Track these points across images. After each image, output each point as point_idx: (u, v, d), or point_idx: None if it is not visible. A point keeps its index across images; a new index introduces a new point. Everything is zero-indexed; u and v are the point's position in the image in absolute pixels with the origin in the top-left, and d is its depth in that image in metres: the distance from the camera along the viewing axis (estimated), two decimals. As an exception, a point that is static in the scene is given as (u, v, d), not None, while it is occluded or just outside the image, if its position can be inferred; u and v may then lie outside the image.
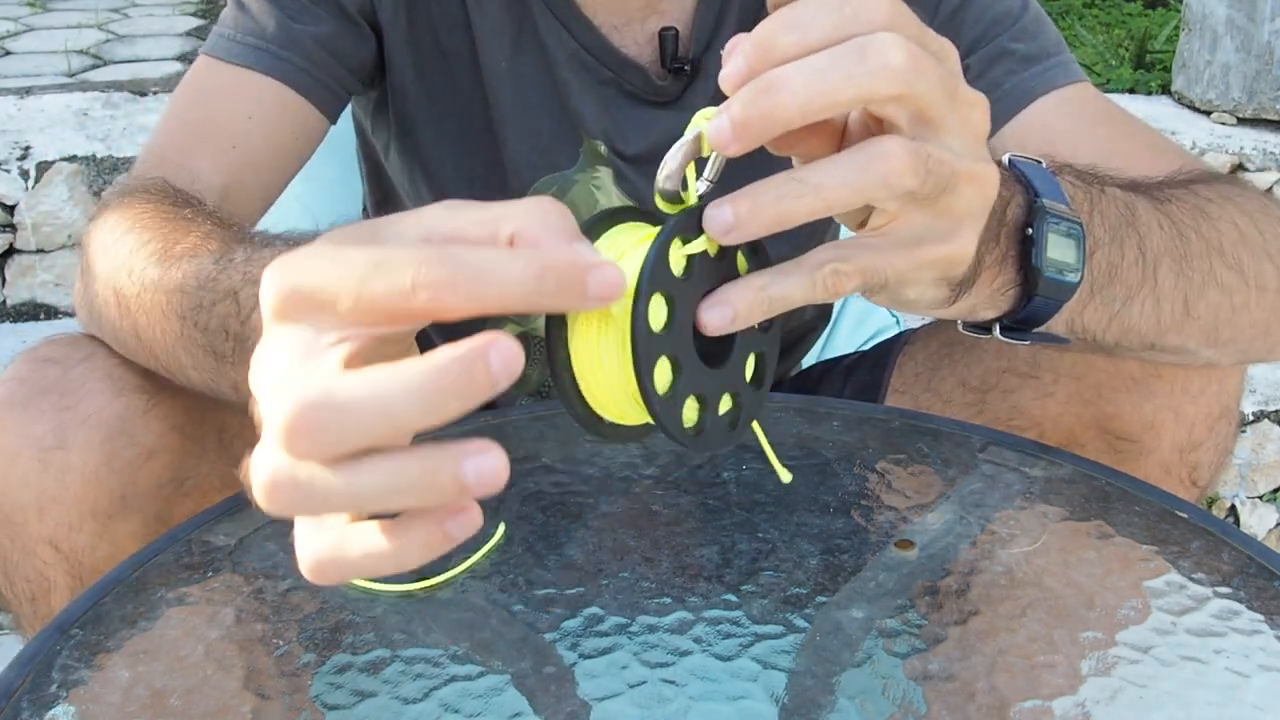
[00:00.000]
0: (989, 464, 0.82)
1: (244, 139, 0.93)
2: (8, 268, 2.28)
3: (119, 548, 0.79)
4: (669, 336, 0.50)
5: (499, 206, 0.45)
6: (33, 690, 0.61)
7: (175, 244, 0.74)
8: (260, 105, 0.93)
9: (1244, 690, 0.63)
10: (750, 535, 0.75)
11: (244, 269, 0.67)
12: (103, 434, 0.78)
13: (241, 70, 0.94)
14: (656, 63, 0.97)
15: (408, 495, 0.41)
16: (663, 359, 0.50)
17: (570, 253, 0.43)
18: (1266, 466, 2.10)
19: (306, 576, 0.43)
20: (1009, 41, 0.94)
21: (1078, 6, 3.89)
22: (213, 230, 0.75)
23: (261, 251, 0.67)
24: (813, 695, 0.62)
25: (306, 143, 0.97)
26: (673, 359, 0.51)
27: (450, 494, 0.40)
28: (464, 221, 0.44)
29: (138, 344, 0.78)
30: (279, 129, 0.94)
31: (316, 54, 0.94)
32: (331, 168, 1.24)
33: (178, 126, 0.94)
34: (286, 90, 0.94)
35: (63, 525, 0.78)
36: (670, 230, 0.50)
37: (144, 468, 0.79)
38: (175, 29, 3.36)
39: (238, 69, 0.94)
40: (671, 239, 0.50)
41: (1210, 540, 0.74)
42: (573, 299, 0.42)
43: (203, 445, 0.83)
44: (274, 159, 0.95)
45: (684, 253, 0.50)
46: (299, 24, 0.94)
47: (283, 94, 0.94)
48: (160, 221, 0.77)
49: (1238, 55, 2.72)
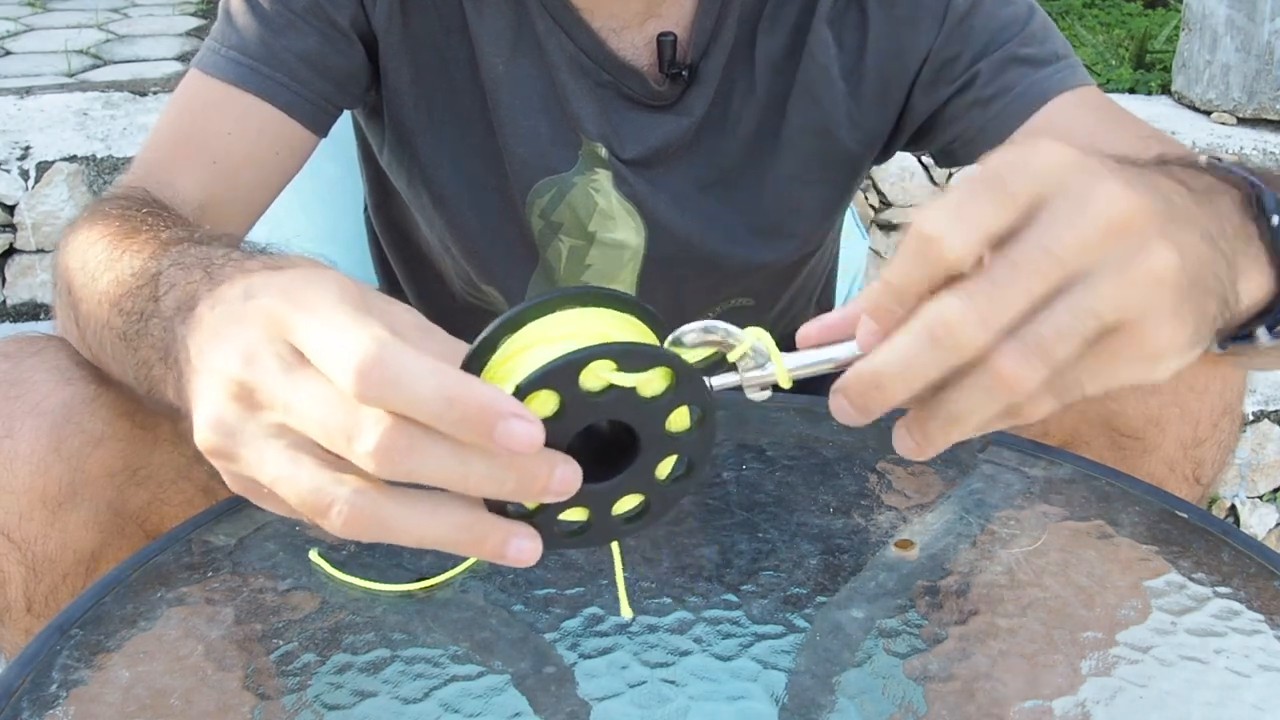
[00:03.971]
0: (989, 464, 0.82)
1: (224, 156, 0.93)
2: (8, 268, 2.28)
3: (70, 536, 0.79)
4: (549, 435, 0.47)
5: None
6: (33, 690, 0.61)
7: (126, 239, 0.74)
8: (242, 122, 0.93)
9: (1244, 690, 0.63)
10: (750, 535, 0.75)
11: (175, 256, 0.66)
12: (49, 421, 0.78)
13: (225, 86, 0.94)
14: (655, 67, 0.97)
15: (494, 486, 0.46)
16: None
17: (485, 394, 0.45)
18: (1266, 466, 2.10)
19: (339, 526, 0.47)
20: (1018, 47, 0.95)
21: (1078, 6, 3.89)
22: (166, 228, 0.75)
23: (198, 247, 0.66)
24: (813, 695, 0.62)
25: (290, 158, 0.97)
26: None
27: (535, 489, 0.46)
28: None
29: (80, 335, 0.78)
30: (260, 146, 0.94)
31: (300, 70, 0.94)
32: (332, 167, 1.24)
33: (164, 140, 0.95)
34: (268, 107, 0.94)
35: (13, 514, 0.78)
36: (606, 349, 0.47)
37: (93, 455, 0.79)
38: (175, 29, 3.36)
39: (222, 84, 0.94)
40: (598, 358, 0.47)
41: (1210, 540, 0.74)
42: (477, 438, 0.45)
43: (155, 434, 0.83)
44: (255, 175, 0.95)
45: (612, 378, 0.47)
46: (283, 39, 0.94)
47: (265, 111, 0.94)
48: (121, 222, 0.77)
49: (1238, 55, 2.72)
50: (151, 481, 0.83)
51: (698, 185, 1.02)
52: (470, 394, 0.44)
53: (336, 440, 0.46)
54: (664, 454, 0.50)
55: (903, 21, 0.96)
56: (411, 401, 0.44)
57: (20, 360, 0.81)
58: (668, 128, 0.99)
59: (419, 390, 0.44)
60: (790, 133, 1.00)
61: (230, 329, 0.51)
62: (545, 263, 1.05)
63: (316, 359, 0.47)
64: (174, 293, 0.62)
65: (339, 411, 0.46)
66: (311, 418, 0.47)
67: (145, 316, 0.65)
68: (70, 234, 0.81)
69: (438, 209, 1.04)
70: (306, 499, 0.47)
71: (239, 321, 0.51)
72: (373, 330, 0.46)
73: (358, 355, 0.45)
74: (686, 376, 0.49)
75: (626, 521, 0.52)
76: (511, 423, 0.44)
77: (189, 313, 0.58)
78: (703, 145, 1.01)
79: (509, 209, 1.03)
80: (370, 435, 0.45)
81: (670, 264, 1.04)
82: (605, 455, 0.50)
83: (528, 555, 0.48)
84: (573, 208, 1.01)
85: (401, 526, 0.47)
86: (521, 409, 0.45)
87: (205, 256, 0.63)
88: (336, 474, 0.47)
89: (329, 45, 0.95)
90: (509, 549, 0.48)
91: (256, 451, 0.49)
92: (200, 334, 0.54)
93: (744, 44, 0.98)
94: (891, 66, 0.98)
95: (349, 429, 0.45)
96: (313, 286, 0.50)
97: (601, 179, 1.00)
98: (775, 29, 0.98)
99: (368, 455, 0.45)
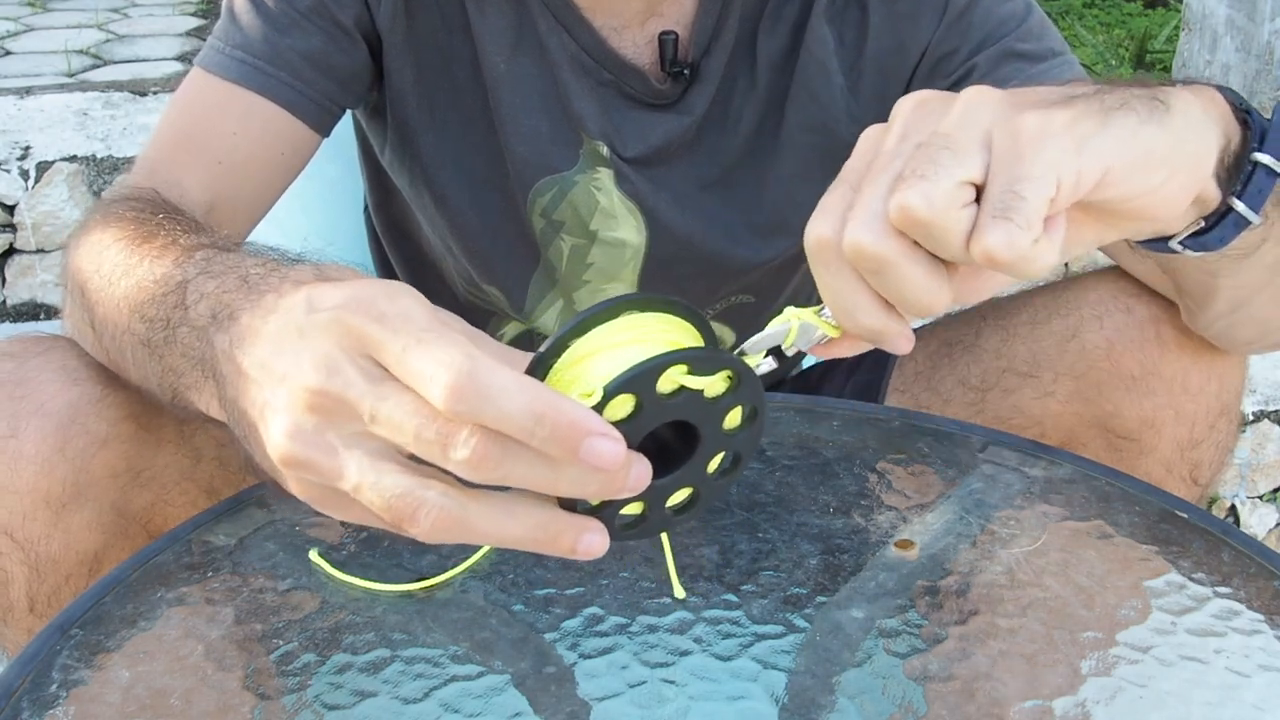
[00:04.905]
0: (989, 464, 0.82)
1: (228, 155, 0.93)
2: (8, 268, 2.28)
3: (74, 537, 0.79)
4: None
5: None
6: (33, 690, 0.61)
7: (144, 243, 0.74)
8: (245, 121, 0.93)
9: (1244, 690, 0.63)
10: (750, 535, 0.75)
11: (202, 265, 0.66)
12: (55, 422, 0.78)
13: (228, 85, 0.94)
14: (656, 66, 0.97)
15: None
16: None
17: (572, 412, 0.47)
18: (1266, 466, 2.10)
19: (428, 528, 0.49)
20: (1015, 42, 0.95)
21: (1078, 6, 3.89)
22: (184, 233, 0.75)
23: (224, 255, 0.66)
24: (813, 695, 0.62)
25: (294, 157, 0.97)
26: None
27: (614, 489, 0.49)
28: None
29: (95, 338, 0.78)
30: (264, 145, 0.94)
31: (304, 69, 0.94)
32: (332, 167, 1.24)
33: (167, 140, 0.95)
34: (272, 106, 0.94)
35: (16, 514, 0.78)
36: (681, 355, 0.50)
37: (97, 456, 0.79)
38: (175, 29, 3.36)
39: (225, 84, 0.94)
40: (675, 364, 0.50)
41: (1210, 540, 0.74)
42: (564, 454, 0.47)
43: (160, 436, 0.83)
44: (260, 174, 0.95)
45: (684, 381, 0.51)
46: (287, 38, 0.94)
47: (268, 110, 0.94)
48: (137, 225, 0.77)
49: (1238, 55, 2.72)
50: (155, 483, 0.83)
51: (699, 184, 1.02)
52: (559, 412, 0.47)
53: (431, 449, 0.48)
54: (717, 450, 0.54)
55: (903, 17, 0.96)
56: (503, 418, 0.47)
57: (26, 360, 0.81)
58: (669, 126, 0.99)
59: (509, 407, 0.47)
60: (790, 130, 1.00)
61: (298, 341, 0.52)
62: (547, 262, 1.05)
63: (406, 373, 0.49)
64: (205, 302, 0.62)
65: (434, 422, 0.48)
66: (404, 428, 0.48)
67: (173, 325, 0.65)
68: (81, 236, 0.81)
69: (439, 208, 1.04)
70: (392, 503, 0.49)
71: (309, 334, 0.52)
72: (462, 347, 0.48)
73: (452, 372, 0.47)
74: (747, 379, 0.52)
75: (676, 513, 0.55)
76: (598, 441, 0.47)
77: (230, 323, 0.58)
78: (704, 144, 1.01)
79: (510, 208, 1.03)
80: (466, 444, 0.47)
81: (671, 262, 1.04)
82: (661, 451, 0.53)
83: (597, 548, 0.51)
84: (574, 206, 1.01)
85: (484, 527, 0.50)
86: (606, 427, 0.47)
87: (237, 265, 0.63)
88: (422, 479, 0.49)
89: (333, 44, 0.95)
90: (580, 544, 0.50)
91: (338, 460, 0.50)
92: (258, 346, 0.55)
93: (745, 42, 0.98)
94: (891, 62, 0.98)
95: (445, 438, 0.47)
96: (390, 300, 0.51)
97: (603, 177, 1.00)
98: (776, 27, 0.98)
99: (463, 463, 0.47)
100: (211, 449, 0.86)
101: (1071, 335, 0.96)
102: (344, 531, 0.75)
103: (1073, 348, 0.96)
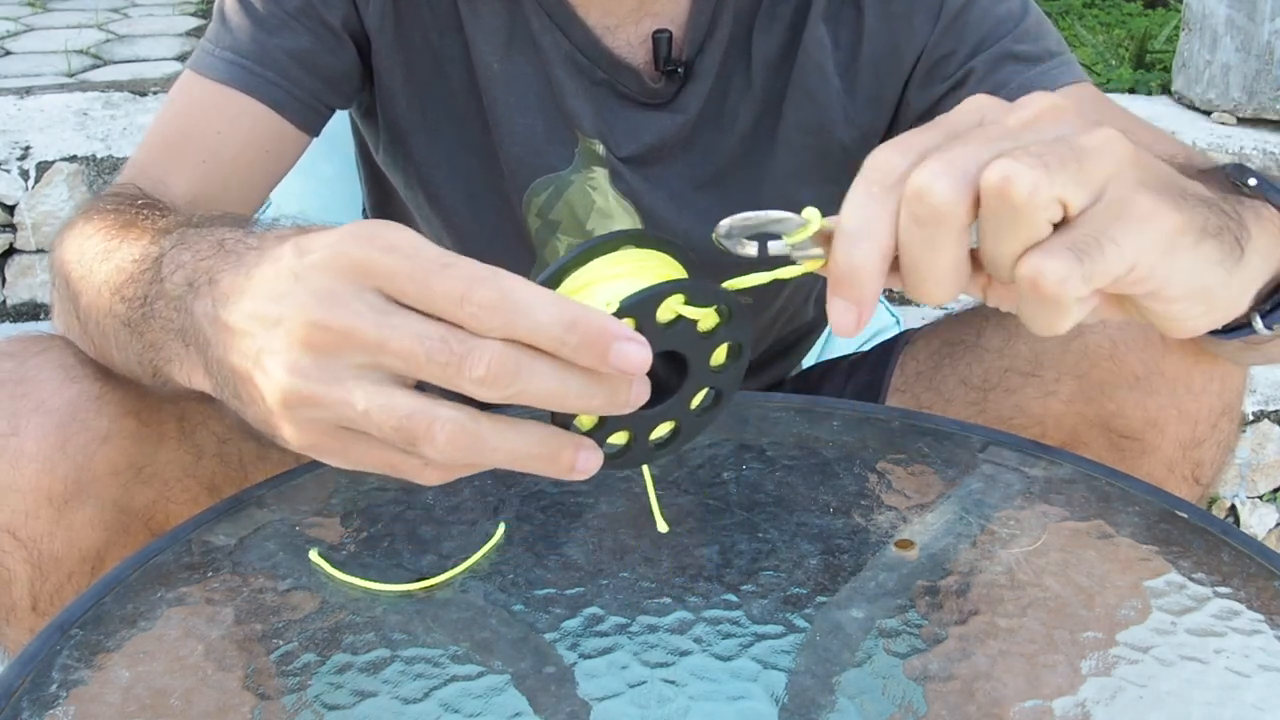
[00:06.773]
0: (989, 464, 0.82)
1: (214, 154, 0.93)
2: (8, 268, 2.28)
3: (76, 535, 0.79)
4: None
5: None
6: (33, 690, 0.61)
7: (124, 230, 0.74)
8: (232, 121, 0.94)
9: (1244, 690, 0.63)
10: (750, 535, 0.75)
11: (177, 239, 0.66)
12: (56, 419, 0.78)
13: (217, 85, 0.94)
14: (650, 65, 0.97)
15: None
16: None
17: (601, 320, 0.49)
18: (1266, 466, 2.10)
19: (443, 444, 0.50)
20: (1013, 44, 0.95)
21: (1078, 6, 3.89)
22: (161, 218, 0.75)
23: (199, 229, 0.66)
24: (813, 695, 0.62)
25: (281, 158, 0.97)
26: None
27: (617, 403, 0.51)
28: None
29: (81, 329, 0.78)
30: (250, 145, 0.94)
31: (291, 69, 0.94)
32: (330, 166, 1.24)
33: (157, 140, 0.95)
34: (259, 105, 0.94)
35: (19, 512, 0.78)
36: (681, 285, 0.52)
37: (99, 453, 0.79)
38: (175, 29, 3.37)
39: (214, 84, 0.94)
40: (675, 292, 0.52)
41: (1210, 540, 0.74)
42: (593, 360, 0.49)
43: (161, 432, 0.83)
44: (245, 174, 0.95)
45: (682, 310, 0.52)
46: (275, 39, 0.94)
47: (255, 109, 0.94)
48: (116, 215, 0.78)
49: (1238, 55, 2.72)
50: (157, 480, 0.83)
51: (694, 183, 1.02)
52: (588, 320, 0.49)
53: (446, 370, 0.49)
54: (702, 385, 0.56)
55: (898, 18, 0.96)
56: (536, 328, 0.49)
57: (26, 359, 0.81)
58: (663, 125, 0.99)
59: (542, 317, 0.48)
60: (786, 130, 1.00)
61: (293, 284, 0.52)
62: (542, 261, 1.05)
63: (430, 296, 0.50)
64: (181, 272, 0.62)
65: (445, 342, 0.49)
66: (416, 353, 0.49)
67: (149, 299, 0.65)
68: (65, 231, 0.81)
69: (434, 208, 1.04)
70: (403, 424, 0.50)
71: (304, 275, 0.52)
72: (485, 267, 0.50)
73: (485, 287, 0.49)
74: (738, 316, 0.54)
75: (657, 447, 0.57)
76: (625, 345, 0.49)
77: (210, 287, 0.58)
78: (699, 143, 1.00)
79: (505, 208, 1.03)
80: (481, 360, 0.48)
81: None
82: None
83: (591, 466, 0.53)
84: (570, 205, 1.01)
85: (494, 444, 0.51)
86: (632, 333, 0.49)
87: (212, 234, 0.63)
88: (431, 399, 0.51)
89: (320, 45, 0.95)
90: (579, 460, 0.52)
91: (345, 388, 0.51)
92: (244, 300, 0.55)
93: (740, 41, 0.98)
94: (887, 63, 0.98)
95: (459, 356, 0.49)
96: (396, 231, 0.52)
97: (599, 176, 1.00)
98: (771, 26, 0.97)
99: (480, 380, 0.49)
100: (213, 445, 0.87)
101: (1074, 335, 0.96)
102: (344, 531, 0.75)
103: (1075, 347, 0.95)
